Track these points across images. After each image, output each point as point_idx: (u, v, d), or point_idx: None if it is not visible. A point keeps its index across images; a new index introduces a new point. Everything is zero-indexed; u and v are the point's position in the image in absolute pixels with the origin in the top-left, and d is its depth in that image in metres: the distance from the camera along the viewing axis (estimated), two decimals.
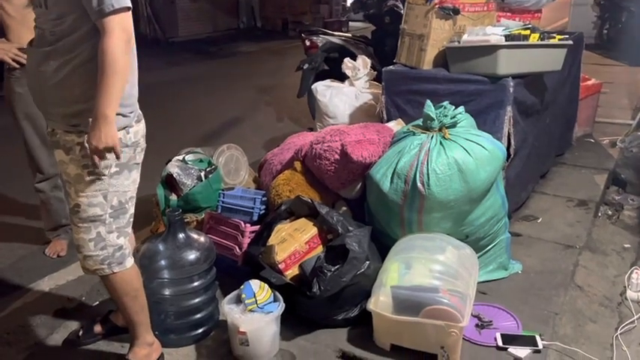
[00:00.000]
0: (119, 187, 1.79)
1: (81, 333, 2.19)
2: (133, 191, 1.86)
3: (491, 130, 2.66)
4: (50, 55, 1.69)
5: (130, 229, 1.90)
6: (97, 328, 2.20)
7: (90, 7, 1.59)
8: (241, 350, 2.05)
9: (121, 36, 1.60)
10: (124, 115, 1.74)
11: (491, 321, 2.24)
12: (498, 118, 2.71)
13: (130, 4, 1.64)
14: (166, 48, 10.31)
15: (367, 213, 2.61)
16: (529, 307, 2.35)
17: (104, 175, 1.75)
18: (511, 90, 2.67)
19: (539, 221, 3.15)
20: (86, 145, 1.67)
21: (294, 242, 2.32)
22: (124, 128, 1.75)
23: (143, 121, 1.87)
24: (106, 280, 1.90)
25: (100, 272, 1.86)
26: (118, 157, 1.71)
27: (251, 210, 2.59)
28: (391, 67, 3.11)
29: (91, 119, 1.65)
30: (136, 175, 1.86)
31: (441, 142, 2.33)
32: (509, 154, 2.73)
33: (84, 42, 1.66)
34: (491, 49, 2.65)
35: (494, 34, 2.69)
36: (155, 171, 2.86)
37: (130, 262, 1.90)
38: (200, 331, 2.18)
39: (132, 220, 1.90)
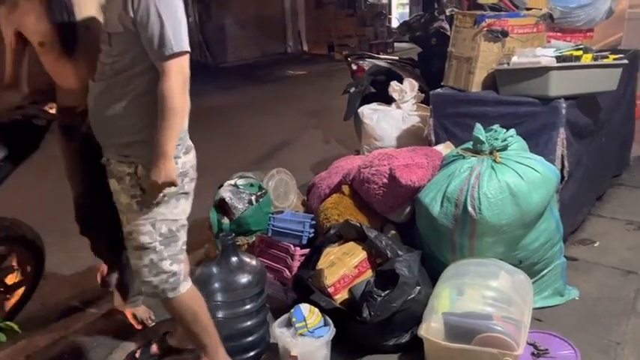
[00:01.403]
0: (167, 215, 1.84)
1: (138, 354, 2.26)
2: (183, 220, 1.90)
3: (543, 152, 2.61)
4: (107, 88, 1.79)
5: (182, 256, 1.94)
6: (154, 349, 2.26)
7: (150, 48, 1.68)
8: None
9: (178, 78, 1.68)
10: None
11: (547, 349, 2.17)
12: (551, 140, 2.66)
13: (188, 48, 1.70)
14: (216, 73, 10.62)
15: (417, 237, 2.59)
16: (588, 336, 2.26)
17: (152, 204, 1.81)
18: (563, 112, 2.63)
19: (596, 245, 3.04)
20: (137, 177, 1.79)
21: (344, 266, 2.34)
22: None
23: (193, 152, 1.92)
24: (164, 304, 1.96)
25: (156, 297, 1.93)
26: (175, 186, 1.78)
27: (300, 233, 2.63)
28: (439, 89, 3.11)
29: (141, 151, 1.76)
30: (185, 204, 1.90)
31: (492, 166, 2.30)
32: (562, 177, 2.67)
33: (139, 77, 1.75)
34: (542, 71, 2.62)
35: (544, 56, 2.66)
36: (208, 194, 2.95)
37: (184, 286, 1.93)
38: (252, 354, 2.21)
39: (184, 247, 1.94)
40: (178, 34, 1.67)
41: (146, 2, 1.64)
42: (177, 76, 1.68)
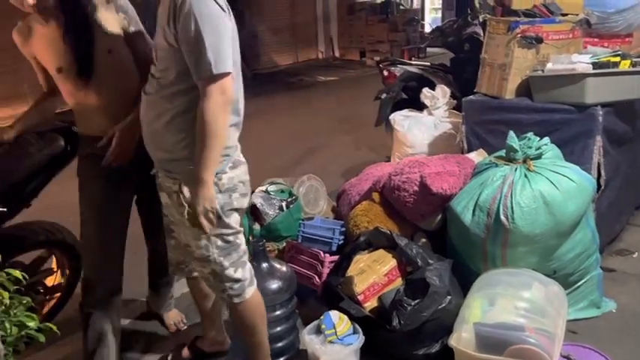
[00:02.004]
0: (220, 229, 1.79)
1: (170, 357, 2.31)
2: (236, 229, 1.85)
3: (579, 160, 2.55)
4: (153, 102, 1.77)
5: (246, 258, 1.91)
6: (185, 353, 2.30)
7: (192, 67, 1.63)
8: None
9: (218, 100, 1.61)
10: None
11: None
12: (587, 148, 2.60)
13: (230, 69, 1.63)
14: (250, 80, 10.76)
15: (448, 246, 2.57)
16: (625, 350, 2.20)
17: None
18: (600, 119, 2.56)
19: (634, 256, 2.95)
20: (182, 196, 1.76)
21: (373, 274, 2.33)
22: (216, 175, 1.73)
23: (243, 167, 1.86)
24: (230, 310, 1.99)
25: (223, 302, 1.98)
26: (219, 217, 1.75)
27: (330, 240, 2.64)
28: (471, 96, 3.08)
29: (181, 169, 1.74)
30: (236, 217, 1.84)
31: (525, 175, 2.27)
32: (599, 186, 2.60)
33: (183, 94, 1.70)
34: (577, 78, 2.57)
35: (580, 62, 2.60)
36: None
37: (249, 292, 1.91)
38: (282, 359, 2.22)
39: (246, 250, 1.91)
40: (219, 54, 1.60)
41: (188, 19, 1.57)
42: (218, 97, 1.61)
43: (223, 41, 1.62)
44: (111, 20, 1.94)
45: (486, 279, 2.25)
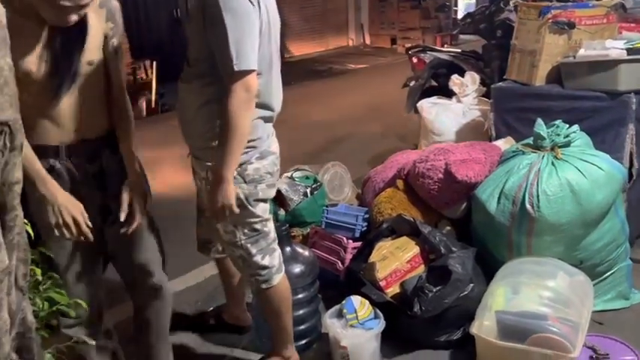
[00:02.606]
0: (245, 218, 1.81)
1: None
2: (264, 218, 1.86)
3: (610, 149, 2.50)
4: (187, 91, 1.79)
5: (275, 246, 1.93)
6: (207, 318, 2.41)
7: (218, 61, 1.63)
8: None
9: (242, 96, 1.62)
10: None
11: (607, 354, 2.08)
12: (619, 136, 2.54)
13: (254, 67, 1.63)
14: (280, 68, 10.77)
15: (473, 234, 2.55)
16: None
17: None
18: (633, 106, 2.50)
19: None
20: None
21: (396, 260, 2.34)
22: (241, 165, 1.74)
23: (271, 157, 1.85)
24: (256, 294, 2.03)
25: (251, 286, 2.00)
26: (244, 206, 1.77)
27: (353, 226, 2.65)
28: (501, 83, 3.03)
29: (212, 157, 1.74)
30: (263, 206, 1.85)
31: (552, 163, 2.23)
32: (631, 175, 2.54)
33: (212, 85, 1.71)
34: (611, 64, 2.51)
35: (614, 48, 2.53)
36: None
37: (277, 278, 1.92)
38: (303, 342, 2.26)
39: (275, 237, 1.93)
40: (242, 50, 1.58)
41: (216, 13, 1.57)
42: (241, 93, 1.61)
43: (248, 38, 1.60)
44: (97, 28, 1.64)
45: (511, 267, 2.23)
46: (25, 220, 1.25)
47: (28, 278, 1.25)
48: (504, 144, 2.74)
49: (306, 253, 2.30)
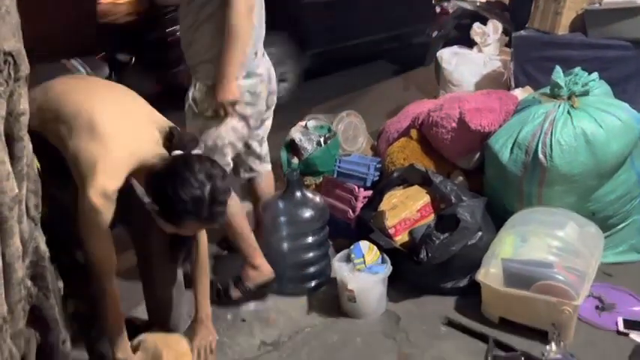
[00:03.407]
0: (213, 129, 2.03)
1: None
2: (231, 138, 2.08)
3: (632, 100, 2.43)
4: (186, 14, 2.00)
5: (228, 170, 2.12)
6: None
7: None
8: (349, 306, 2.15)
9: (241, 6, 1.85)
10: None
11: (614, 304, 2.09)
12: None
13: None
14: None
15: (485, 185, 2.54)
16: None
17: (203, 114, 2.03)
18: None
19: None
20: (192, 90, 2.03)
21: (406, 209, 2.35)
22: None
23: (256, 79, 2.06)
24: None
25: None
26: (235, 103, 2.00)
27: (365, 175, 2.66)
28: (522, 31, 2.94)
29: (203, 70, 1.99)
30: (236, 124, 2.06)
31: (568, 112, 2.18)
32: None
33: (209, 4, 1.91)
34: (637, 11, 2.40)
35: None
36: (282, 135, 3.04)
37: None
38: (313, 284, 2.33)
39: (229, 167, 2.14)
40: None
41: None
42: (241, 5, 1.85)
43: None
44: None
45: (521, 217, 2.23)
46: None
47: (39, 209, 1.31)
48: (522, 93, 2.68)
49: (317, 199, 2.33)
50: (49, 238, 1.35)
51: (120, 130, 1.56)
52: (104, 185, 1.49)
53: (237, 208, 2.17)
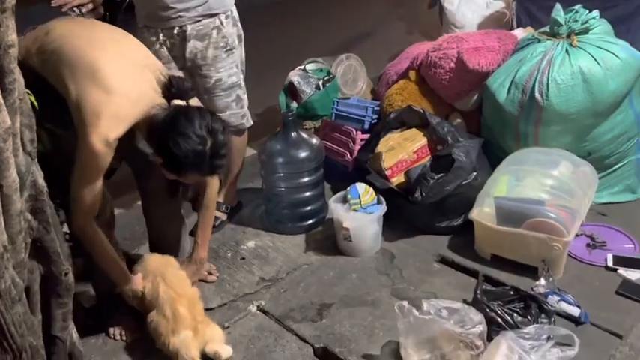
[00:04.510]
0: (240, 57, 2.24)
1: None
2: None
3: (634, 39, 2.40)
4: None
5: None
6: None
7: None
8: (345, 244, 2.21)
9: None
10: None
11: (604, 242, 2.13)
12: None
13: None
14: None
15: (482, 126, 2.54)
16: None
17: (234, 49, 2.17)
18: None
19: None
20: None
21: (403, 151, 2.37)
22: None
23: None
24: (236, 137, 2.27)
25: (241, 126, 2.30)
26: None
27: (362, 118, 2.66)
28: None
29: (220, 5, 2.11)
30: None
31: (566, 50, 2.16)
32: None
33: None
34: None
35: None
36: (282, 81, 3.03)
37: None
38: (309, 222, 2.38)
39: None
40: None
41: None
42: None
43: None
44: None
45: (516, 157, 2.24)
46: (29, 92, 1.32)
47: (35, 144, 1.33)
48: (522, 33, 2.64)
49: (313, 140, 2.35)
50: (48, 176, 1.39)
51: (121, 78, 1.60)
52: (106, 133, 1.54)
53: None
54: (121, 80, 1.59)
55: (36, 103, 1.42)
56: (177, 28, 2.11)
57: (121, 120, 1.57)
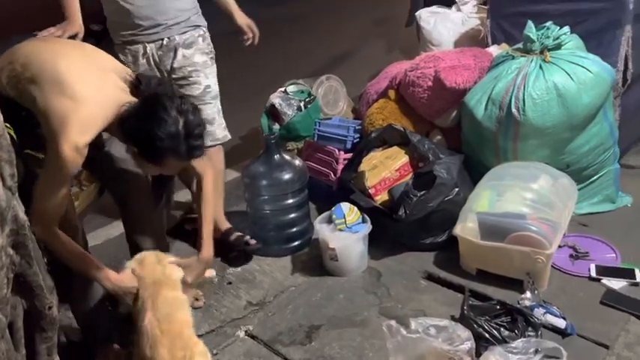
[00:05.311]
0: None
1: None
2: None
3: (606, 53, 2.44)
4: None
5: None
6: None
7: None
8: (331, 265, 2.21)
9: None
10: None
11: (587, 252, 2.16)
12: (615, 39, 2.47)
13: None
14: None
15: (462, 142, 2.58)
16: (633, 242, 2.21)
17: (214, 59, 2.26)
18: (631, 6, 2.41)
19: None
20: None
21: (385, 169, 2.39)
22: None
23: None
24: (214, 153, 2.27)
25: (224, 138, 2.31)
26: None
27: (345, 138, 2.69)
28: None
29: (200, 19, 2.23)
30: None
31: (540, 66, 2.20)
32: (626, 79, 2.51)
33: None
34: None
35: None
36: (264, 103, 3.05)
37: None
38: (295, 243, 2.39)
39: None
40: None
41: None
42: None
43: None
44: None
45: (497, 172, 2.27)
46: (8, 125, 1.31)
47: (15, 179, 1.32)
48: (497, 50, 2.69)
49: (296, 161, 2.37)
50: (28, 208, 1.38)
51: (86, 82, 1.60)
52: (76, 139, 1.53)
53: None
54: (87, 86, 1.59)
55: (15, 137, 1.42)
56: (165, 39, 2.17)
57: (90, 125, 1.57)
